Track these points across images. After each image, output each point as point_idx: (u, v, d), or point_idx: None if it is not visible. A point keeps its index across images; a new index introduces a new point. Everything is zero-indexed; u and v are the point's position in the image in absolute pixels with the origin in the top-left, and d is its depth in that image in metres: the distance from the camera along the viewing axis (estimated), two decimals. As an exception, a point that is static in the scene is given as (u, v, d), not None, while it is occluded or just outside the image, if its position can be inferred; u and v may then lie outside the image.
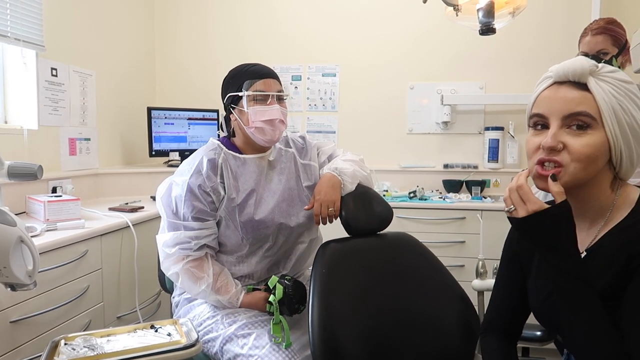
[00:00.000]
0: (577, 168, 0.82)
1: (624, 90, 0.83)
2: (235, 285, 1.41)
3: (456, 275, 1.41)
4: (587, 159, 0.82)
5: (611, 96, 0.82)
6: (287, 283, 1.32)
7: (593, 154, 0.82)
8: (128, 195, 2.56)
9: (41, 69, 2.20)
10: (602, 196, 0.88)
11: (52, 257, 1.57)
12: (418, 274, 1.37)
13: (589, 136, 0.82)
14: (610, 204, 0.87)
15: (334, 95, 3.18)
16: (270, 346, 1.25)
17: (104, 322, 1.87)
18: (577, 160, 0.82)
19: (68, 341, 1.15)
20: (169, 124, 2.93)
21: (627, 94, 0.83)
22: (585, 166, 0.82)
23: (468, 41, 2.89)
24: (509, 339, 1.12)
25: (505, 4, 1.75)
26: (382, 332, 1.24)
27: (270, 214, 1.42)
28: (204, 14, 3.27)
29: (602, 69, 0.84)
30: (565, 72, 0.84)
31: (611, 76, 0.84)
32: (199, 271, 1.37)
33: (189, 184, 1.36)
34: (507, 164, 2.96)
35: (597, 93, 0.82)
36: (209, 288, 1.36)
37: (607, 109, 0.81)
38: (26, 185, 1.98)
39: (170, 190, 1.39)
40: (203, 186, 1.36)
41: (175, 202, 1.37)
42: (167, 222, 1.40)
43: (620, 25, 1.84)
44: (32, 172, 1.20)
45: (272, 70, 1.44)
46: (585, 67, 0.83)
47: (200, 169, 1.37)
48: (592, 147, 0.81)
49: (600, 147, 0.82)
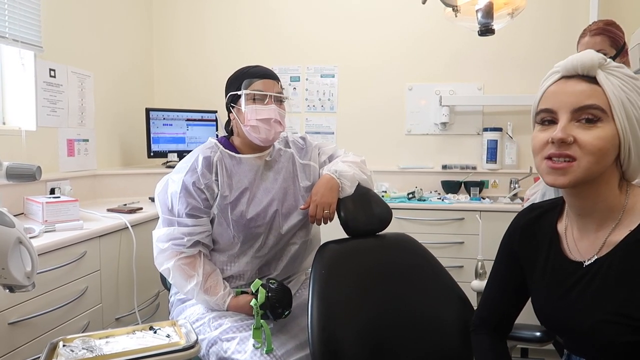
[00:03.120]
0: (591, 162, 0.81)
1: (632, 84, 0.83)
2: (224, 287, 1.41)
3: (455, 276, 1.41)
4: (599, 152, 0.80)
5: (620, 90, 0.81)
6: (271, 287, 1.31)
7: (605, 147, 0.80)
8: (126, 197, 2.55)
9: (39, 70, 2.20)
10: (611, 196, 0.86)
11: (51, 258, 1.57)
12: (417, 275, 1.36)
13: (600, 129, 0.81)
14: (620, 206, 0.86)
15: (333, 96, 3.18)
16: (253, 351, 1.25)
17: (103, 323, 1.86)
18: (590, 153, 0.80)
19: (66, 343, 1.15)
20: (167, 125, 2.93)
21: (635, 88, 0.83)
22: (598, 159, 0.81)
23: (466, 42, 2.89)
24: (500, 336, 1.12)
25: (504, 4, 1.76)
26: (382, 332, 1.24)
27: (262, 212, 1.42)
28: (202, 14, 3.27)
29: (610, 64, 0.83)
30: (575, 66, 0.83)
31: (619, 71, 0.83)
32: (190, 269, 1.38)
33: (183, 181, 1.38)
34: (506, 164, 2.97)
35: (607, 86, 0.81)
36: (197, 286, 1.37)
37: (617, 102, 0.81)
38: (24, 187, 1.97)
39: (167, 187, 1.42)
40: (197, 183, 1.38)
41: (170, 198, 1.40)
42: (163, 217, 1.42)
43: (618, 27, 1.85)
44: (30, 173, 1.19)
45: (272, 71, 1.47)
46: (595, 60, 0.82)
47: (195, 167, 1.39)
48: (603, 140, 0.80)
49: (612, 140, 0.81)
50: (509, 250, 1.07)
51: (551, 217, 0.99)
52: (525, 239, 1.02)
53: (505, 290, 1.09)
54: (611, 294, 0.84)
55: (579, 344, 0.93)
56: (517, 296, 1.08)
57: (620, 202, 0.86)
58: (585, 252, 0.90)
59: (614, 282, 0.84)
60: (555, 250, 0.95)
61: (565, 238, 0.95)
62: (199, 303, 1.43)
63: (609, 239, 0.86)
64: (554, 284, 0.94)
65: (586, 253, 0.90)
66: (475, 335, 1.15)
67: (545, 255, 0.97)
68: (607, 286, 0.84)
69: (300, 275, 1.60)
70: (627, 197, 0.86)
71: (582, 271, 0.89)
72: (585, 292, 0.88)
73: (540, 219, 1.01)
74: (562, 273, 0.93)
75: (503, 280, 1.09)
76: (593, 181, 0.84)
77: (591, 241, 0.89)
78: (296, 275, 1.59)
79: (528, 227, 1.03)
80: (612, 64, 0.84)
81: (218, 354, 1.29)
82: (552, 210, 1.00)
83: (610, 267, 0.85)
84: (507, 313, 1.11)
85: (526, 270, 1.03)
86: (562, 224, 0.97)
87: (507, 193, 2.79)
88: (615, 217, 0.86)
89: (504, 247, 1.08)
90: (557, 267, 0.94)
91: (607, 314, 0.84)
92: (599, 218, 0.88)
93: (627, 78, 0.83)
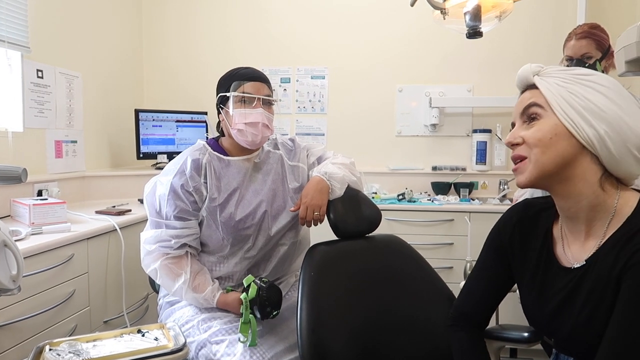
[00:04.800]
0: (537, 154, 0.87)
1: (575, 78, 0.87)
2: (212, 283, 1.41)
3: (444, 277, 1.41)
4: (539, 142, 0.86)
5: (556, 85, 0.87)
6: (262, 285, 1.30)
7: (545, 137, 0.86)
8: (115, 198, 2.53)
9: (26, 71, 2.17)
10: (592, 194, 0.86)
11: (37, 261, 1.55)
12: (406, 276, 1.37)
13: (539, 122, 0.88)
14: (607, 207, 0.86)
15: (323, 97, 3.18)
16: (242, 354, 1.24)
17: (91, 326, 1.84)
18: (533, 146, 0.87)
19: (53, 347, 1.13)
20: (156, 127, 2.91)
21: (578, 80, 0.86)
22: (543, 150, 0.86)
23: (456, 44, 2.91)
24: (478, 332, 1.13)
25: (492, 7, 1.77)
26: (371, 334, 1.24)
27: (251, 214, 1.42)
28: (193, 15, 3.25)
29: (546, 69, 0.90)
30: (519, 82, 0.94)
31: (556, 70, 0.89)
32: (177, 268, 1.38)
33: (172, 183, 1.38)
34: (495, 166, 2.99)
35: (542, 85, 0.88)
36: (185, 284, 1.37)
37: (552, 95, 0.87)
38: (11, 189, 1.95)
39: (155, 189, 1.41)
40: (186, 186, 1.37)
41: (159, 201, 1.39)
42: (150, 220, 1.42)
43: (603, 30, 1.88)
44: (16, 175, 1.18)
45: (262, 74, 1.46)
46: (527, 70, 0.91)
47: (184, 169, 1.39)
48: (541, 131, 0.86)
49: (553, 130, 0.86)
50: (497, 245, 1.06)
51: (547, 218, 0.99)
52: (517, 236, 1.02)
53: (488, 284, 1.09)
54: (599, 296, 0.84)
55: (567, 344, 0.94)
56: (498, 290, 1.09)
57: (607, 202, 0.86)
58: (576, 257, 0.91)
59: (601, 285, 0.84)
60: (548, 253, 0.96)
61: (559, 240, 0.95)
62: (187, 302, 1.42)
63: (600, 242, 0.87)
64: (543, 285, 0.95)
65: (577, 257, 0.90)
66: (453, 332, 1.15)
67: (538, 256, 0.97)
68: (592, 290, 0.85)
69: (290, 277, 1.60)
70: (618, 199, 0.86)
71: (571, 275, 0.90)
72: (572, 295, 0.88)
73: (537, 217, 1.01)
74: (552, 277, 0.94)
75: (487, 273, 1.10)
76: (566, 179, 0.87)
77: (581, 245, 0.90)
78: (286, 277, 1.58)
79: (522, 223, 1.02)
80: (549, 69, 0.90)
81: (207, 356, 1.29)
82: (548, 210, 1.00)
83: (594, 271, 0.86)
84: (487, 307, 1.12)
85: (514, 267, 1.03)
86: (557, 227, 0.97)
87: (497, 194, 2.81)
88: (604, 219, 0.87)
89: (492, 241, 1.08)
90: (549, 270, 0.95)
91: (594, 316, 0.84)
92: (587, 219, 0.88)
93: (567, 74, 0.88)
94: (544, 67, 0.91)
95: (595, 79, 0.86)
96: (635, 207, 0.85)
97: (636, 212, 0.84)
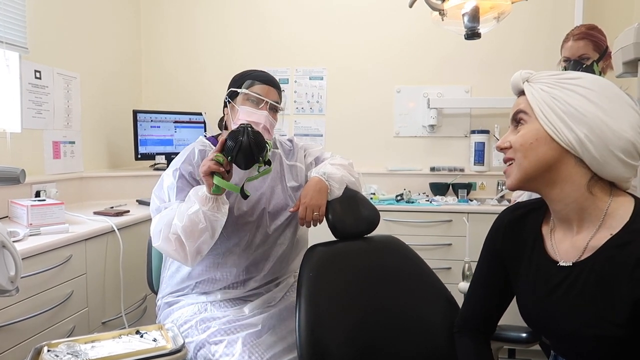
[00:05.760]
0: (520, 158, 0.91)
1: (559, 83, 0.88)
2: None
3: (443, 278, 1.41)
4: (521, 146, 0.90)
5: (540, 91, 0.89)
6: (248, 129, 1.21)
7: (526, 142, 0.90)
8: (113, 199, 2.53)
9: (24, 72, 2.17)
10: (580, 197, 0.87)
11: (35, 262, 1.55)
12: (405, 277, 1.37)
13: (523, 128, 0.91)
14: (598, 210, 0.87)
15: (322, 98, 3.19)
16: (240, 354, 1.24)
17: (89, 327, 1.84)
18: (517, 150, 0.91)
19: (51, 348, 1.13)
20: (155, 127, 2.91)
21: (562, 85, 0.88)
22: (525, 154, 0.90)
23: (454, 45, 2.91)
24: (483, 338, 1.13)
25: (490, 9, 1.78)
26: (370, 335, 1.24)
27: (250, 209, 1.43)
28: (191, 15, 3.25)
29: (539, 74, 0.92)
30: (511, 88, 0.97)
31: (544, 75, 0.91)
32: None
33: (180, 170, 1.39)
34: (493, 166, 2.99)
35: (528, 92, 0.92)
36: (176, 206, 1.30)
37: (535, 102, 0.89)
38: (9, 189, 1.95)
39: (162, 182, 1.41)
40: (193, 174, 1.39)
41: (167, 192, 1.39)
42: (157, 209, 1.36)
43: (601, 31, 1.88)
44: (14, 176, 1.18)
45: (276, 80, 1.50)
46: (517, 77, 0.94)
47: (191, 158, 1.41)
48: (524, 137, 0.90)
49: (534, 135, 0.89)
50: (492, 250, 1.07)
51: (536, 218, 1.00)
52: (508, 238, 1.03)
53: (489, 290, 1.10)
54: (592, 297, 0.85)
55: (563, 345, 0.94)
56: (500, 296, 1.09)
57: (597, 205, 0.87)
58: (566, 255, 0.91)
59: (595, 286, 0.85)
60: (539, 252, 0.96)
61: (550, 240, 0.96)
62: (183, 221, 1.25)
63: (590, 243, 0.87)
64: (537, 285, 0.95)
65: (568, 256, 0.91)
66: (459, 337, 1.16)
67: (529, 255, 0.98)
68: (589, 290, 0.85)
69: (288, 277, 1.60)
70: (610, 202, 0.87)
71: (564, 274, 0.90)
72: (567, 295, 0.89)
73: (525, 218, 1.02)
74: (545, 275, 0.94)
75: (487, 280, 1.10)
76: (552, 182, 0.89)
77: (572, 244, 0.90)
78: (284, 277, 1.58)
79: (512, 225, 1.04)
80: (539, 74, 0.92)
81: (206, 357, 1.29)
82: (538, 210, 1.01)
83: (591, 271, 0.86)
84: (490, 313, 1.12)
85: (510, 269, 1.04)
86: (547, 226, 0.98)
87: (495, 195, 2.82)
88: (595, 221, 0.87)
89: (487, 247, 1.09)
90: (541, 268, 0.95)
91: (588, 317, 0.85)
92: (577, 220, 0.90)
93: (553, 79, 0.90)
94: (533, 73, 0.94)
95: (580, 82, 0.87)
96: (633, 210, 0.85)
97: (636, 213, 0.84)
